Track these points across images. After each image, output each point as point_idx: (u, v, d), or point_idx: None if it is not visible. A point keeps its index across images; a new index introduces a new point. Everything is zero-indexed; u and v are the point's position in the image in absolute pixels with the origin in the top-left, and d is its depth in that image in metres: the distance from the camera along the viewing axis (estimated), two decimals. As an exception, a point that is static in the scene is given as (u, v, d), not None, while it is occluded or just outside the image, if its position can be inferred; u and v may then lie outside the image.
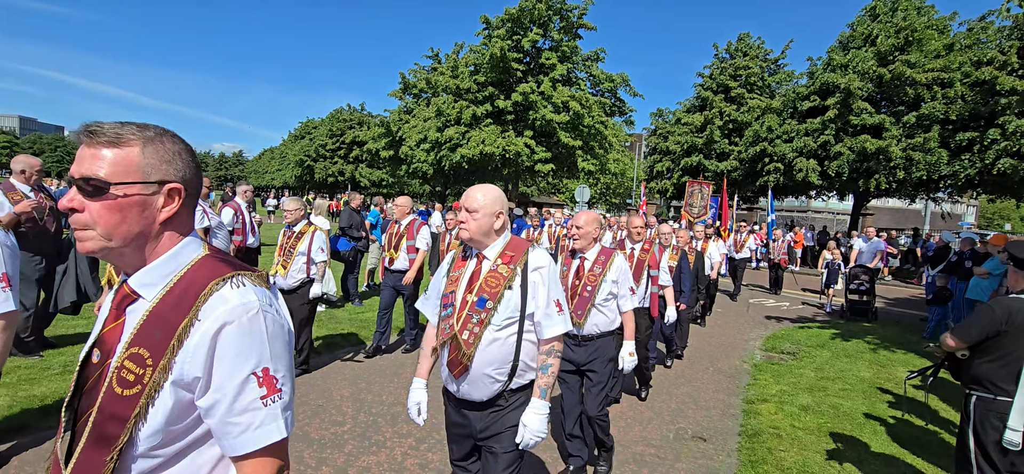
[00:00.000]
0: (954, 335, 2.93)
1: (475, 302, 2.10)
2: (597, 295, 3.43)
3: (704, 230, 9.20)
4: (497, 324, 2.08)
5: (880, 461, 4.10)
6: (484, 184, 2.27)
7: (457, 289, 2.18)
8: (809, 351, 7.36)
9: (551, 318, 2.11)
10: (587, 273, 3.48)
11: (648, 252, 4.75)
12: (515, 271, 2.13)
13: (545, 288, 2.12)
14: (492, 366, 2.09)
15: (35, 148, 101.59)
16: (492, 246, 2.19)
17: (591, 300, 3.42)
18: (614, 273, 3.47)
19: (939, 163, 17.47)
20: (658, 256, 4.85)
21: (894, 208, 36.85)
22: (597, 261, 3.51)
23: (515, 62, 21.19)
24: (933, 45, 17.77)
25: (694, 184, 14.72)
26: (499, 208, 2.17)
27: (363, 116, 47.28)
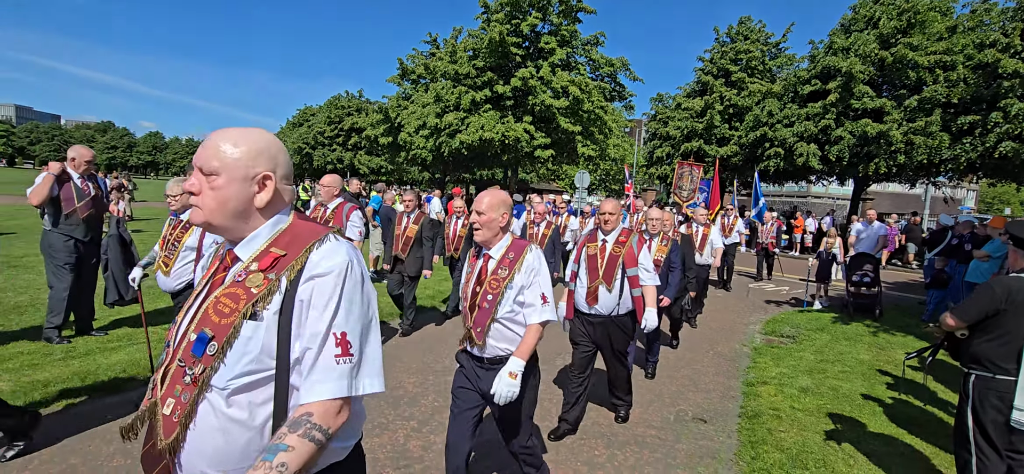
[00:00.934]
0: (954, 315, 2.94)
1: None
2: (499, 307, 2.56)
3: (706, 215, 8.24)
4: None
5: (879, 441, 4.13)
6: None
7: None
8: (809, 334, 7.40)
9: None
10: (489, 276, 2.60)
11: (624, 245, 3.86)
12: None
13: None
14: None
15: (32, 136, 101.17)
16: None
17: (491, 312, 2.55)
18: (522, 277, 2.56)
19: (940, 147, 17.42)
20: (636, 250, 3.88)
21: (894, 193, 36.78)
22: (503, 261, 2.60)
23: (514, 47, 21.02)
24: (936, 27, 17.63)
25: (684, 166, 14.05)
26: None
27: (361, 103, 47.05)
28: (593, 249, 3.91)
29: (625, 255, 3.82)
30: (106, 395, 4.07)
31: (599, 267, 3.83)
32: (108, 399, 4.01)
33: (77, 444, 3.35)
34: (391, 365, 5.20)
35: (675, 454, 3.81)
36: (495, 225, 2.60)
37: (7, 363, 4.44)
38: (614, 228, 3.92)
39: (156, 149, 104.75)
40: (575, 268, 3.99)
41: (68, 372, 4.36)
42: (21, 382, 4.10)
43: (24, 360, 4.52)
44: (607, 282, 3.81)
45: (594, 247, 3.93)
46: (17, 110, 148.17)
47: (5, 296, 6.50)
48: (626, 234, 3.90)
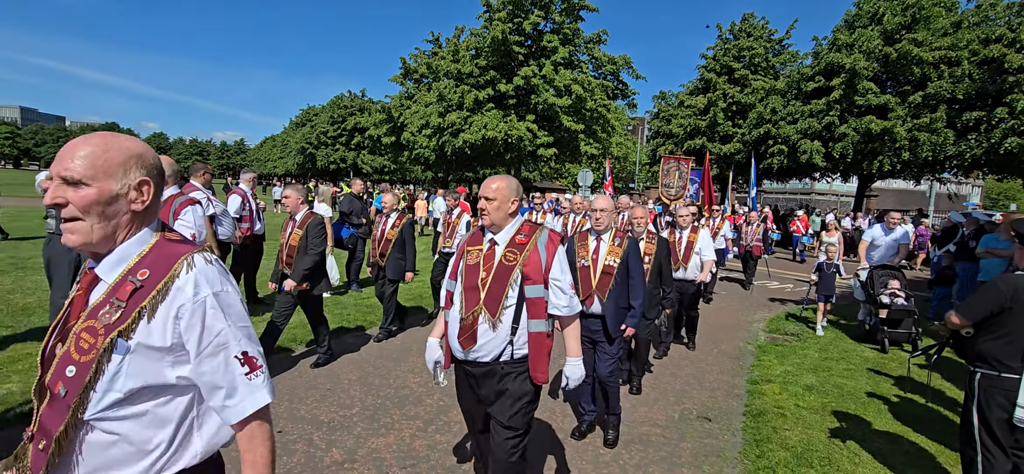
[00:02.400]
0: (959, 313, 2.94)
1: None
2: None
3: (690, 214, 6.25)
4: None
5: (884, 439, 4.13)
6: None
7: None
8: (813, 333, 7.39)
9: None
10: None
11: (523, 248, 2.43)
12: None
13: None
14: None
15: (37, 138, 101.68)
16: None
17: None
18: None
19: (945, 143, 17.34)
20: (543, 257, 2.41)
21: (898, 189, 36.71)
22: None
23: (516, 45, 20.99)
24: (940, 23, 17.55)
25: (670, 160, 12.54)
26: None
27: (364, 102, 47.10)
28: (475, 256, 2.47)
29: (523, 263, 2.37)
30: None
31: (480, 285, 2.38)
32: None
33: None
34: (395, 366, 5.22)
35: (680, 452, 3.82)
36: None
37: (16, 365, 4.48)
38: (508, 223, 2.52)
39: (160, 150, 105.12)
40: (451, 286, 2.57)
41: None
42: (30, 384, 4.13)
43: (33, 362, 4.56)
44: (490, 310, 2.35)
45: (476, 253, 2.49)
46: (22, 112, 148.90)
47: (13, 298, 6.55)
48: (528, 229, 2.49)
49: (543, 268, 2.39)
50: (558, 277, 2.43)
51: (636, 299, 3.76)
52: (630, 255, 3.76)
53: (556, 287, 2.42)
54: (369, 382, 4.73)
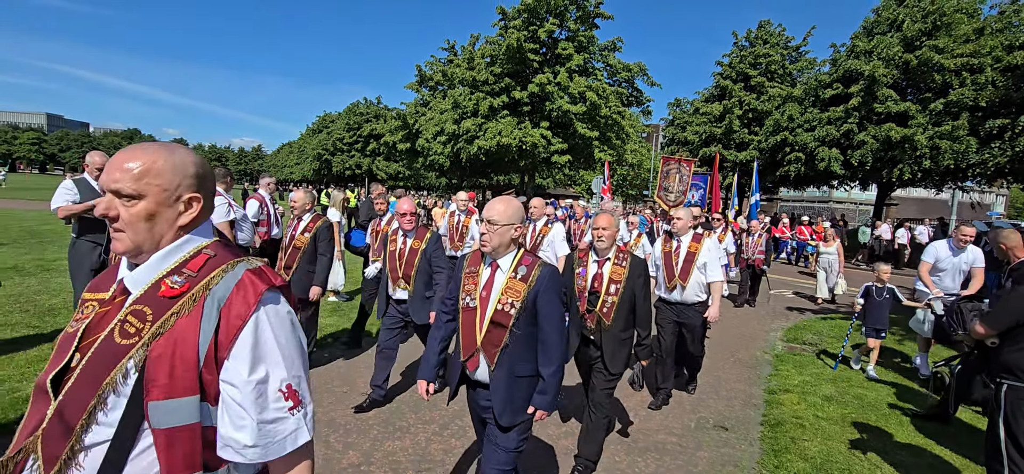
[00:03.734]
0: (984, 322, 2.89)
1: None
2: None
3: (689, 216, 4.84)
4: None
5: (907, 451, 4.05)
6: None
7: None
8: (832, 342, 7.27)
9: None
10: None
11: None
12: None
13: None
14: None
15: (62, 144, 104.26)
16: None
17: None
18: None
19: (967, 151, 17.00)
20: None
21: (919, 198, 35.96)
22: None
23: (531, 53, 21.08)
24: (962, 29, 17.24)
25: (670, 161, 11.07)
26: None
27: (380, 109, 47.61)
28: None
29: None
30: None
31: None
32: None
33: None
34: (411, 369, 5.25)
35: (696, 461, 3.78)
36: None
37: (41, 364, 4.59)
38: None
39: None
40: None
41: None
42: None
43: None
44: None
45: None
46: (49, 118, 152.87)
47: (39, 299, 6.72)
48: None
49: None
50: None
51: (549, 364, 2.37)
52: (544, 290, 2.33)
53: None
54: (385, 386, 4.75)
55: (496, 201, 2.37)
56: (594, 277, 3.49)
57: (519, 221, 2.34)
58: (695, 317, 4.65)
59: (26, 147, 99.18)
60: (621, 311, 3.38)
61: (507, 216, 2.32)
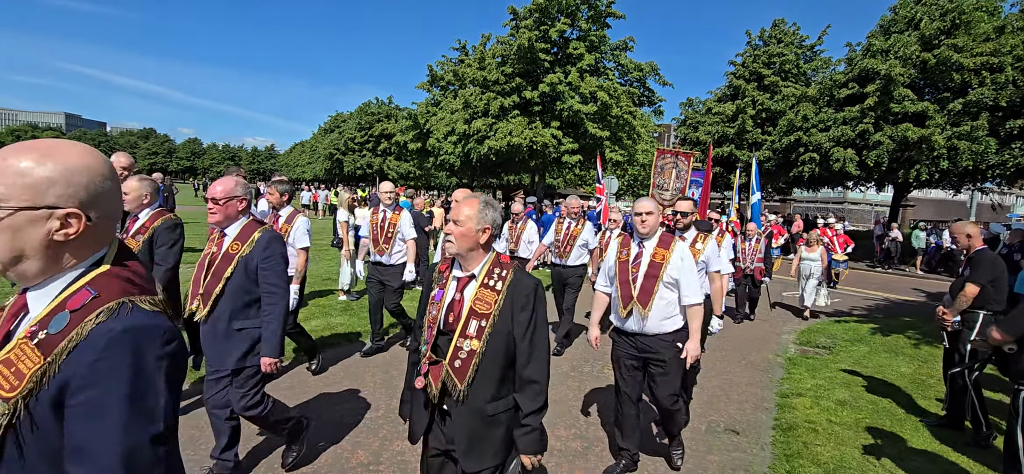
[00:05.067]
0: (1001, 328, 2.83)
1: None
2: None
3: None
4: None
5: (922, 458, 3.98)
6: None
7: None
8: (845, 345, 7.18)
9: None
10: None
11: None
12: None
13: None
14: None
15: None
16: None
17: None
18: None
19: (987, 152, 16.67)
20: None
21: (937, 199, 35.40)
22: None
23: (542, 53, 21.04)
24: (982, 28, 16.90)
25: (665, 154, 9.90)
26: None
27: (391, 109, 47.81)
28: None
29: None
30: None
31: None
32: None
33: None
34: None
35: (706, 466, 3.76)
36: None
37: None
38: None
39: (194, 154, 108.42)
40: None
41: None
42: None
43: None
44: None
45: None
46: (67, 118, 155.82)
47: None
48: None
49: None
50: None
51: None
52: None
53: None
54: (394, 385, 4.78)
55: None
56: (451, 305, 2.09)
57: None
58: (666, 351, 3.31)
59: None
60: (488, 368, 2.00)
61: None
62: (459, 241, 2.03)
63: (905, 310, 10.59)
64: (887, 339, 7.60)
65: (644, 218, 3.33)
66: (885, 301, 11.64)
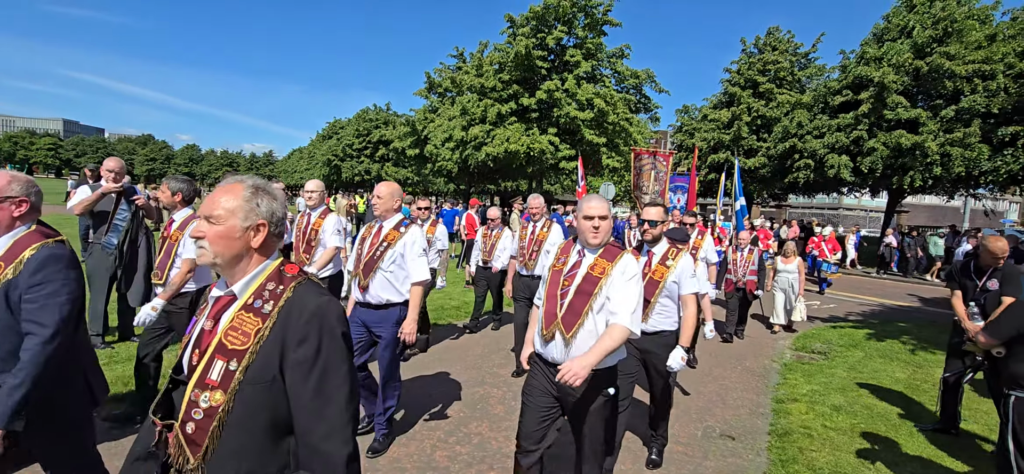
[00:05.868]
0: (987, 333, 2.87)
1: None
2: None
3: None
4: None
5: (916, 463, 4.01)
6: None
7: None
8: (841, 351, 7.22)
9: None
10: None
11: None
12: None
13: None
14: None
15: (78, 149, 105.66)
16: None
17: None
18: None
19: (979, 158, 16.81)
20: None
21: (931, 205, 35.66)
22: None
23: (539, 60, 21.18)
24: (974, 36, 17.09)
25: (643, 155, 9.00)
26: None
27: (389, 116, 47.89)
28: None
29: None
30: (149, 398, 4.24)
31: None
32: (149, 403, 4.17)
33: (120, 446, 3.50)
34: (417, 376, 5.28)
35: (703, 471, 3.77)
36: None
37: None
38: None
39: (193, 161, 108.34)
40: None
41: (111, 376, 4.54)
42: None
43: (72, 364, 4.74)
44: None
45: None
46: (65, 124, 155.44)
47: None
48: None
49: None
50: None
51: None
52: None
53: None
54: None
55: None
56: (198, 338, 1.46)
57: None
58: (589, 394, 2.55)
59: (43, 153, 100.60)
60: (238, 433, 1.35)
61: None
62: (214, 245, 1.40)
63: (900, 316, 10.64)
64: (882, 344, 7.64)
65: (598, 224, 2.59)
66: (880, 307, 11.70)
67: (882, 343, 7.72)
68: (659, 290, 3.48)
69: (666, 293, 3.50)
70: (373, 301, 3.56)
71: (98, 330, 5.24)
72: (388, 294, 3.55)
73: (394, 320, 3.56)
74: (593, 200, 2.65)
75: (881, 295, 13.51)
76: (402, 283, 3.59)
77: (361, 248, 3.67)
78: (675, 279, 3.48)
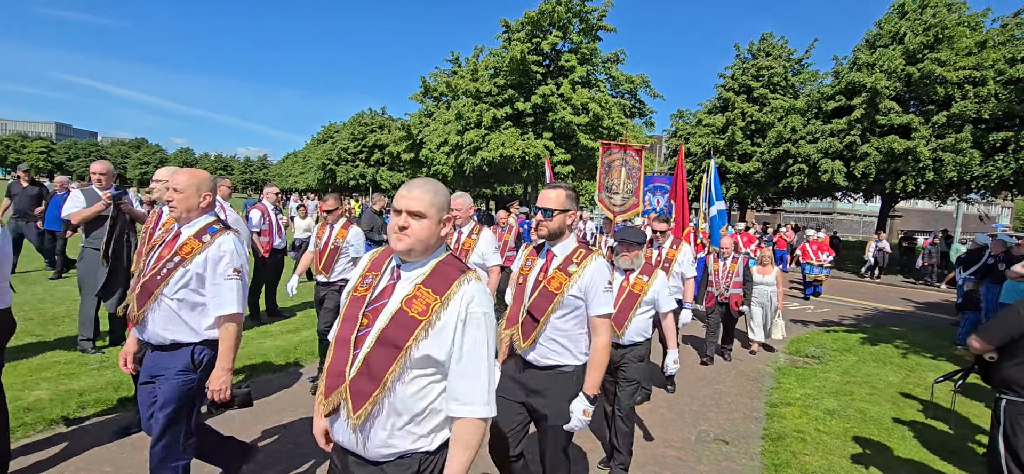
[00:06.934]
0: (979, 336, 2.88)
1: None
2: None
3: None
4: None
5: (908, 467, 4.02)
6: None
7: None
8: (834, 355, 7.24)
9: None
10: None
11: None
12: None
13: None
14: None
15: (70, 153, 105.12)
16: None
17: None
18: None
19: (971, 164, 16.95)
20: None
21: (924, 210, 35.89)
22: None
23: (534, 65, 21.22)
24: (964, 42, 17.25)
25: (613, 149, 7.74)
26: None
27: (384, 120, 47.88)
28: None
29: None
30: (137, 405, 4.20)
31: None
32: (139, 409, 4.13)
33: (109, 452, 3.46)
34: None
35: (696, 475, 3.77)
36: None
37: (45, 372, 4.62)
38: None
39: (187, 164, 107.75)
40: None
41: (102, 382, 4.51)
42: (58, 391, 4.26)
43: (61, 369, 4.70)
44: None
45: None
46: (57, 127, 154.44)
47: (44, 306, 6.77)
48: None
49: None
50: None
51: None
52: None
53: None
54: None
55: None
56: None
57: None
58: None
59: (35, 156, 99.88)
60: None
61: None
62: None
63: (893, 320, 10.70)
64: (875, 349, 7.67)
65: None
66: (874, 311, 11.75)
67: (875, 347, 7.75)
68: (553, 306, 2.40)
69: (565, 311, 2.41)
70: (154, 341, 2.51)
71: (89, 335, 5.18)
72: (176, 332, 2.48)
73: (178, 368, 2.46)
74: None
75: (875, 299, 13.58)
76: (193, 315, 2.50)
77: None
78: (578, 292, 2.39)
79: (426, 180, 1.65)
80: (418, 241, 1.58)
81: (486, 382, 1.54)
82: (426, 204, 1.59)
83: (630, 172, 7.65)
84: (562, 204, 2.44)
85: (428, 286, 1.58)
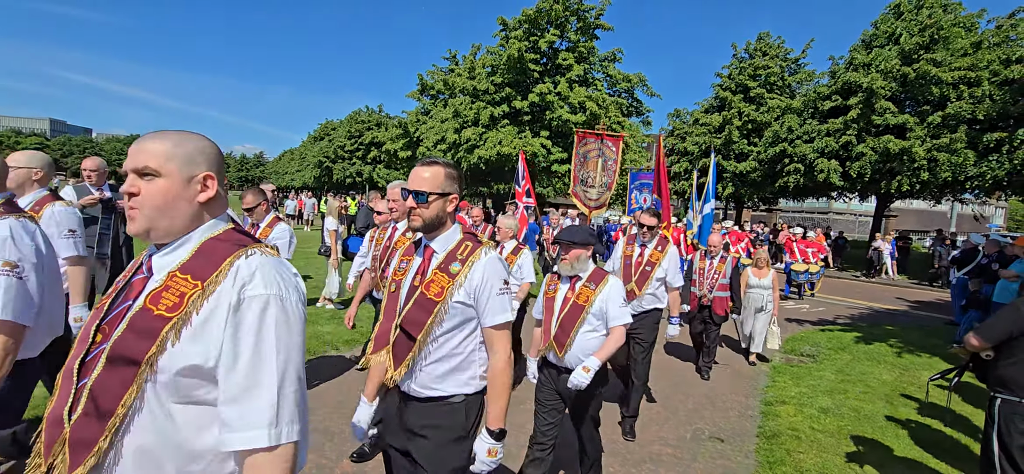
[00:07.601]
0: (977, 334, 2.89)
1: None
2: None
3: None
4: None
5: (903, 465, 4.04)
6: None
7: None
8: (829, 354, 7.27)
9: None
10: None
11: None
12: None
13: None
14: None
15: (64, 150, 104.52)
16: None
17: None
18: None
19: (965, 164, 17.04)
20: None
21: (919, 210, 36.07)
22: None
23: (532, 63, 21.22)
24: (960, 43, 17.34)
25: (588, 138, 7.47)
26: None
27: (381, 117, 47.75)
28: None
29: None
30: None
31: None
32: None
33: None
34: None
35: (691, 473, 3.78)
36: None
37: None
38: None
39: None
40: None
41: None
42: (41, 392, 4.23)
43: (54, 366, 4.66)
44: None
45: None
46: (51, 124, 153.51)
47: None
48: None
49: None
50: None
51: None
52: None
53: None
54: (380, 394, 4.74)
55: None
56: None
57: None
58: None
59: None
60: None
61: None
62: None
63: (888, 319, 10.75)
64: (870, 347, 7.71)
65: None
66: (869, 310, 11.80)
67: (870, 346, 7.79)
68: (434, 317, 1.90)
69: (451, 324, 1.92)
70: None
71: None
72: None
73: None
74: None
75: (870, 298, 13.63)
76: None
77: None
78: (465, 298, 1.91)
79: (169, 131, 1.20)
80: (154, 211, 1.13)
81: (274, 394, 1.08)
82: (160, 157, 1.13)
83: (606, 163, 7.22)
84: (440, 185, 1.92)
85: (187, 272, 1.12)
